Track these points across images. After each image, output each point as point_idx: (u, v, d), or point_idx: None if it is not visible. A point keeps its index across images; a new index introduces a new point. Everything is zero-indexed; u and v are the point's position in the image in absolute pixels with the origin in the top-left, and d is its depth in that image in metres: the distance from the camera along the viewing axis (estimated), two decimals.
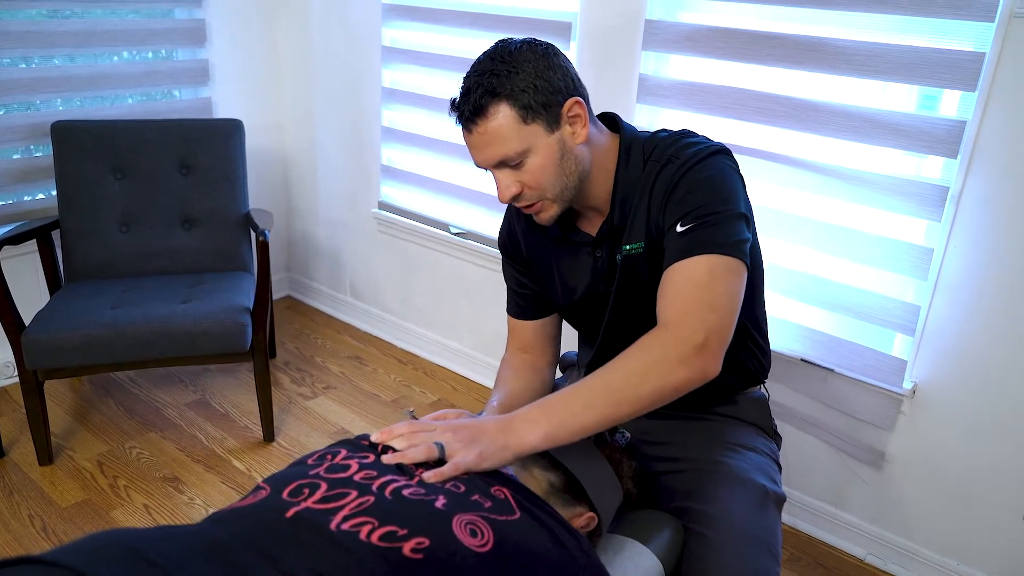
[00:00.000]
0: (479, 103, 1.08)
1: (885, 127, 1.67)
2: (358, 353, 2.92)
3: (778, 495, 1.21)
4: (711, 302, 1.06)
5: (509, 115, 1.08)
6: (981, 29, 1.54)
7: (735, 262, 1.09)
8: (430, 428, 1.01)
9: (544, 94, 1.09)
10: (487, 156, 1.12)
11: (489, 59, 1.11)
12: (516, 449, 0.99)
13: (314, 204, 3.15)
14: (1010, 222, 1.58)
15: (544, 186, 1.14)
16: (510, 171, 1.14)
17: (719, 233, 1.09)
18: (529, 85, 1.08)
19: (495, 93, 1.08)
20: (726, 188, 1.13)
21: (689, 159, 1.14)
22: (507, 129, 1.09)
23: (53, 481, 2.09)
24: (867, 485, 1.93)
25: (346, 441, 1.02)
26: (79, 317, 2.03)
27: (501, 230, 1.41)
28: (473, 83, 1.10)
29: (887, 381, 1.80)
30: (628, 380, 1.02)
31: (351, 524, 0.80)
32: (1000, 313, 1.64)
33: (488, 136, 1.10)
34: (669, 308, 1.08)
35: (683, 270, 1.09)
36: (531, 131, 1.10)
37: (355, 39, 2.74)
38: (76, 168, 2.31)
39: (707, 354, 1.03)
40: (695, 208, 1.11)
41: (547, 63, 1.10)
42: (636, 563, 1.13)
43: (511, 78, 1.08)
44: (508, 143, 1.10)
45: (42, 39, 2.37)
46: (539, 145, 1.11)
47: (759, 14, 1.83)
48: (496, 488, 0.94)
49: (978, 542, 1.79)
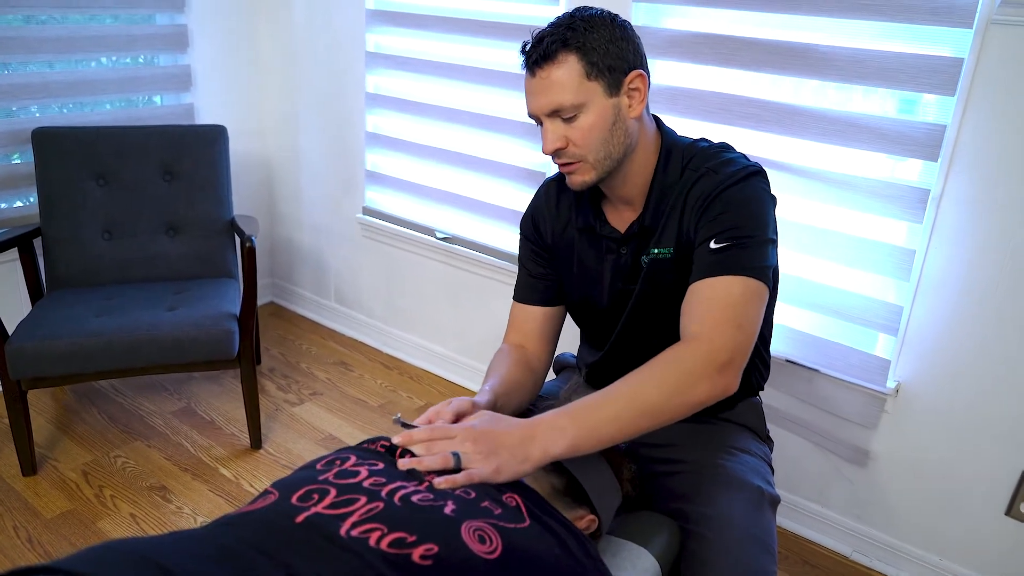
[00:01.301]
0: (550, 48, 1.11)
1: (867, 131, 1.70)
2: (343, 359, 2.91)
3: (773, 496, 1.23)
4: (739, 321, 1.08)
5: (575, 67, 1.12)
6: (959, 35, 1.58)
7: (762, 287, 1.11)
8: (451, 435, 1.00)
9: (612, 58, 1.13)
10: (543, 103, 1.14)
11: (569, 16, 1.15)
12: (538, 460, 0.99)
13: (297, 210, 3.14)
14: (989, 223, 1.62)
15: (589, 147, 1.16)
16: (561, 123, 1.15)
17: (751, 256, 1.12)
18: (601, 46, 1.12)
19: (567, 43, 1.11)
20: (761, 212, 1.15)
21: (728, 177, 1.17)
22: (569, 79, 1.12)
23: (37, 492, 2.07)
24: (852, 483, 1.96)
25: (357, 446, 1.02)
26: (64, 325, 2.01)
27: (525, 215, 1.42)
28: (548, 32, 1.13)
29: (871, 381, 1.84)
30: (656, 392, 1.03)
31: (360, 530, 0.80)
32: (981, 312, 1.68)
33: (550, 82, 1.13)
34: (698, 323, 1.10)
35: (714, 287, 1.11)
36: (591, 88, 1.13)
37: (338, 44, 2.74)
38: (58, 175, 2.29)
39: (730, 372, 1.06)
40: (730, 228, 1.13)
41: (622, 33, 1.15)
42: (634, 564, 1.14)
43: (586, 34, 1.11)
44: (567, 93, 1.12)
45: (21, 45, 2.34)
46: (595, 104, 1.14)
47: (743, 20, 1.86)
48: (508, 495, 0.95)
49: (960, 537, 1.83)
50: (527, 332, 1.41)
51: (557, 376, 1.58)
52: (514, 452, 0.98)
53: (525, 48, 1.16)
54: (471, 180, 2.50)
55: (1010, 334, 1.65)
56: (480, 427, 1.01)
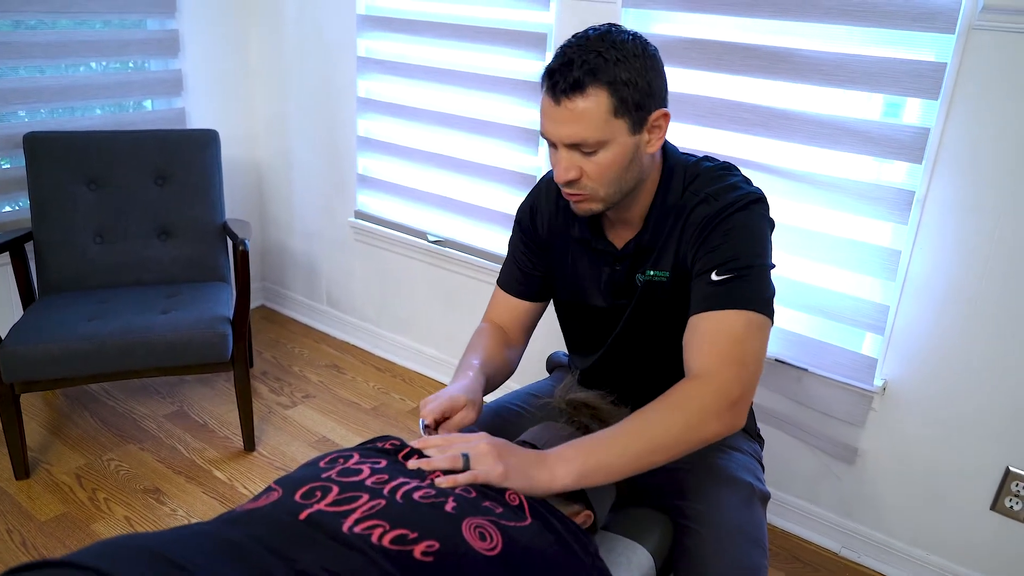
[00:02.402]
0: (580, 80, 1.05)
1: (853, 134, 1.73)
2: (336, 362, 2.92)
3: (763, 493, 1.26)
4: (744, 358, 1.08)
5: (603, 102, 1.06)
6: (942, 40, 1.62)
7: (765, 320, 1.11)
8: (467, 439, 1.03)
9: (641, 94, 1.08)
10: (565, 133, 1.10)
11: (599, 38, 1.08)
12: (544, 485, 1.00)
13: (289, 214, 3.15)
14: (973, 223, 1.66)
15: (603, 182, 1.13)
16: (579, 154, 1.12)
17: (753, 288, 1.11)
18: (631, 80, 1.06)
19: (597, 75, 1.05)
20: (760, 241, 1.15)
21: (728, 205, 1.15)
22: (596, 115, 1.07)
23: (31, 495, 2.07)
24: (840, 480, 1.99)
25: (361, 445, 1.04)
26: (57, 329, 2.01)
27: (524, 204, 1.40)
28: (577, 57, 1.06)
29: (858, 379, 1.87)
30: (664, 430, 1.04)
31: (363, 527, 0.82)
32: (965, 311, 1.71)
33: (575, 115, 1.07)
34: (703, 360, 1.09)
35: (718, 322, 1.10)
36: (616, 125, 1.08)
37: (330, 49, 2.75)
38: (49, 179, 2.29)
39: (738, 409, 1.07)
40: (731, 259, 1.12)
41: (652, 64, 1.10)
42: (629, 559, 1.17)
43: (617, 66, 1.06)
44: (591, 129, 1.08)
45: (11, 50, 2.33)
46: (617, 142, 1.10)
47: (731, 26, 1.89)
48: (511, 493, 0.97)
49: (946, 532, 1.86)
50: (504, 319, 1.42)
51: (550, 375, 1.60)
52: (523, 469, 1.00)
53: (551, 72, 1.09)
54: (462, 184, 2.52)
55: (993, 332, 1.68)
56: (496, 440, 1.04)
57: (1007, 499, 1.74)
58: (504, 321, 1.42)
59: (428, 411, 1.11)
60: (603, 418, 1.21)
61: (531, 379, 1.63)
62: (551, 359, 1.60)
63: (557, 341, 1.51)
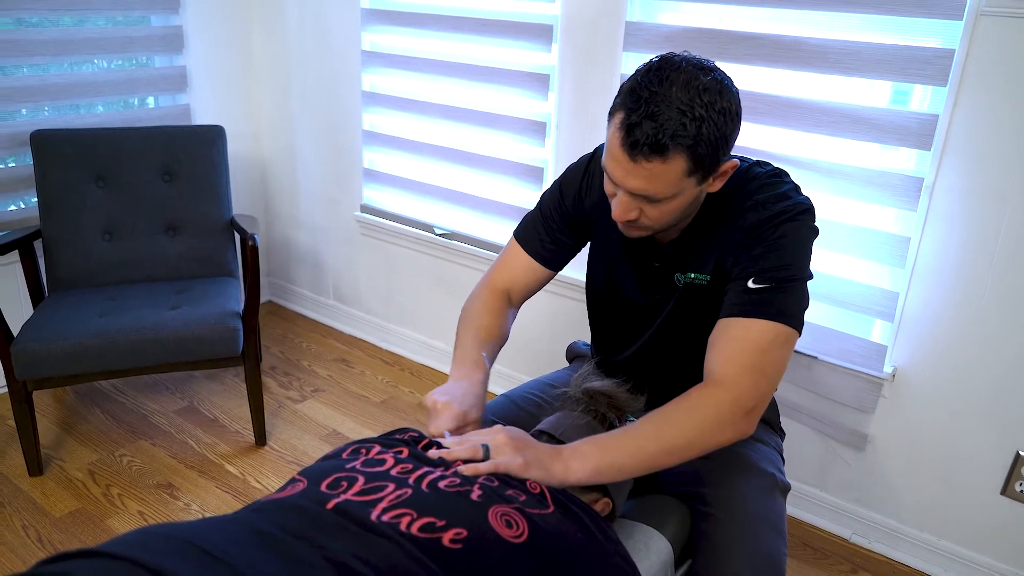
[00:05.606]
0: (662, 143, 1.01)
1: (862, 122, 1.74)
2: (344, 356, 2.93)
3: (784, 484, 1.27)
4: (765, 369, 1.09)
5: (681, 165, 1.04)
6: (950, 27, 1.62)
7: (793, 334, 1.11)
8: (485, 432, 1.05)
9: (717, 152, 1.05)
10: (635, 186, 1.07)
11: (685, 88, 1.01)
12: (559, 477, 1.01)
13: (294, 209, 3.15)
14: (981, 209, 1.66)
15: (662, 222, 1.13)
16: (643, 200, 1.09)
17: (788, 301, 1.11)
18: (711, 139, 1.03)
19: (680, 139, 1.01)
20: (803, 254, 1.15)
21: (779, 214, 1.14)
22: (671, 176, 1.05)
23: (44, 492, 2.08)
24: (850, 467, 2.00)
25: (379, 436, 1.05)
26: (68, 326, 2.02)
27: (576, 171, 1.34)
28: (663, 113, 1.00)
29: (868, 366, 1.87)
30: (679, 434, 1.05)
31: (391, 515, 0.83)
32: (974, 297, 1.72)
33: (650, 174, 1.04)
34: (725, 366, 1.09)
35: (747, 330, 1.10)
36: (687, 182, 1.07)
37: (333, 44, 2.75)
38: (57, 177, 2.29)
39: (752, 417, 1.08)
40: (771, 269, 1.12)
41: (733, 116, 1.06)
42: (647, 545, 1.18)
43: (702, 127, 1.01)
44: (664, 187, 1.06)
45: (15, 48, 2.34)
46: (685, 193, 1.09)
47: (737, 15, 1.89)
48: (531, 483, 0.98)
49: (956, 517, 1.87)
50: (517, 280, 1.38)
51: (570, 364, 1.60)
52: (540, 460, 1.01)
53: (631, 125, 1.02)
54: (469, 176, 2.52)
55: (1002, 317, 1.69)
56: (513, 431, 1.05)
57: (1017, 484, 1.75)
58: (512, 280, 1.38)
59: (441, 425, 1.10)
60: (619, 406, 1.22)
61: (552, 369, 1.62)
62: (571, 348, 1.60)
63: (577, 331, 1.50)
